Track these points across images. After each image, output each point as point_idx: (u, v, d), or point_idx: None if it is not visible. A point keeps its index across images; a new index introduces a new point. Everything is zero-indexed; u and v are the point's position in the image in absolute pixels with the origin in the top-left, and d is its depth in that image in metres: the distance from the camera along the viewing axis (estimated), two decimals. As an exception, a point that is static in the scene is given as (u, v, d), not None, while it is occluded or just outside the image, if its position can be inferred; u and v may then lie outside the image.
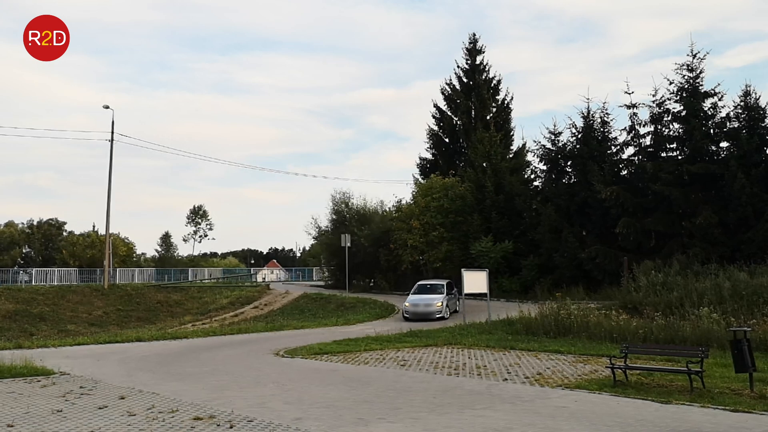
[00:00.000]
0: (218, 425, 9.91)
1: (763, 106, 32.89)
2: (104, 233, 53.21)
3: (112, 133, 48.24)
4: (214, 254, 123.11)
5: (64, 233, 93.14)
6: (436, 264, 43.06)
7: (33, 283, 50.17)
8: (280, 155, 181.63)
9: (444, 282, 31.33)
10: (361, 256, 46.53)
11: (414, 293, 30.29)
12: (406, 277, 46.17)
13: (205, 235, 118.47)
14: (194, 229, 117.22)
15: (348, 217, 50.25)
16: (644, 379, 13.91)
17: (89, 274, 55.33)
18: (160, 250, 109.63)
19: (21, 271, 58.45)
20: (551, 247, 37.31)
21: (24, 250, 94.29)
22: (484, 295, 26.68)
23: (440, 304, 28.91)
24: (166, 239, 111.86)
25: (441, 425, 9.91)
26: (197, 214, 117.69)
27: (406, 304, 29.06)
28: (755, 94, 33.14)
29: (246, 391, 13.05)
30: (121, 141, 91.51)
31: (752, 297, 21.17)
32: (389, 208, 51.15)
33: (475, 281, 26.72)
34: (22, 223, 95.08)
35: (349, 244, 41.65)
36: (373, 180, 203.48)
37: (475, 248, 39.60)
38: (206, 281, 59.65)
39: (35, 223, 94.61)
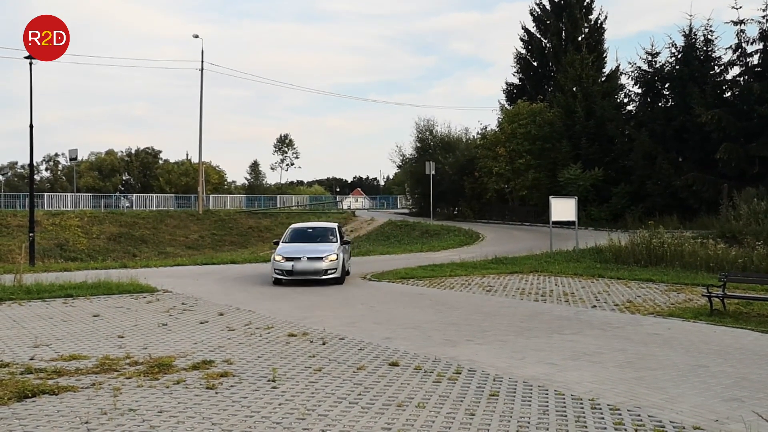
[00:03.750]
0: (311, 342, 10.30)
1: None
2: (197, 161, 55.09)
3: (202, 62, 49.27)
4: (300, 182, 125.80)
5: (160, 161, 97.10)
6: (522, 192, 42.45)
7: (134, 208, 52.93)
8: (362, 83, 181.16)
9: (333, 225, 21.00)
10: (446, 184, 46.34)
11: (288, 242, 19.41)
12: (491, 205, 45.84)
13: (292, 164, 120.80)
14: (281, 157, 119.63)
15: (432, 145, 49.93)
16: (743, 308, 13.41)
17: (184, 201, 57.84)
18: (249, 178, 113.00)
19: (122, 197, 61.76)
20: (644, 174, 35.96)
21: (124, 177, 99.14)
22: (572, 223, 26.12)
23: (334, 257, 18.09)
24: (254, 168, 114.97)
25: (529, 348, 9.93)
26: (283, 143, 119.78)
27: (277, 257, 18.14)
28: None
29: (336, 311, 13.46)
30: (210, 70, 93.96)
31: None
32: (474, 136, 50.51)
33: (563, 209, 26.15)
34: (121, 152, 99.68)
35: (433, 172, 41.50)
36: (457, 107, 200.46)
37: (563, 176, 38.67)
38: (294, 208, 61.15)
39: (133, 151, 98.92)
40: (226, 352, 9.52)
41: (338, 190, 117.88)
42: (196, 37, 49.69)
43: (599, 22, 48.12)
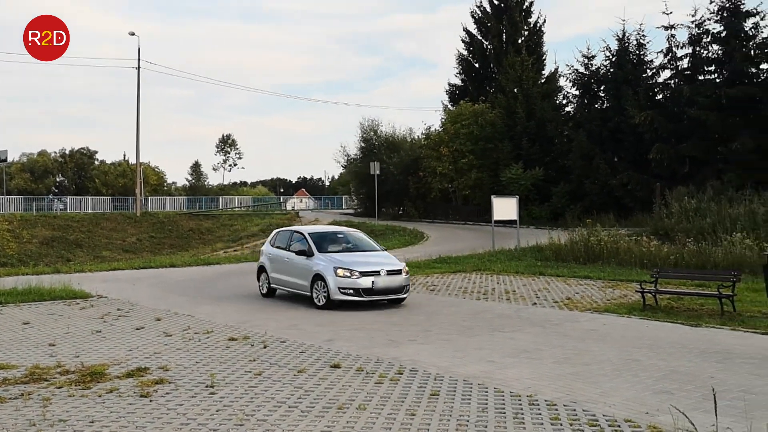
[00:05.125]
0: (252, 345, 10.15)
1: (808, 26, 31.45)
2: (135, 162, 53.81)
3: (138, 60, 48.04)
4: (243, 183, 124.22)
5: (96, 162, 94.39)
6: (465, 191, 42.91)
7: (68, 210, 51.25)
8: (307, 83, 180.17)
9: (359, 232, 16.97)
10: (390, 184, 46.49)
11: (330, 251, 14.89)
12: (435, 204, 46.21)
13: (235, 164, 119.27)
14: (223, 158, 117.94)
15: (377, 145, 50.01)
16: (674, 303, 13.86)
17: (122, 203, 56.34)
18: (190, 179, 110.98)
19: (56, 200, 59.73)
20: (582, 173, 36.84)
21: (57, 179, 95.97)
22: (514, 222, 26.55)
23: (407, 270, 14.76)
24: (196, 168, 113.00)
25: (471, 346, 10.03)
26: (226, 143, 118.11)
27: (340, 272, 13.80)
28: (801, 11, 31.62)
29: (278, 314, 13.32)
30: (149, 69, 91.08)
31: (788, 222, 20.76)
32: (418, 136, 50.79)
33: (505, 208, 26.51)
34: (55, 152, 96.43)
35: (378, 172, 41.55)
36: (401, 107, 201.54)
37: (505, 175, 39.27)
38: (237, 209, 60.34)
39: (67, 152, 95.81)
40: (163, 359, 9.29)
41: (282, 190, 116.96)
42: (132, 34, 48.51)
43: (538, 25, 49.08)
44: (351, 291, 13.75)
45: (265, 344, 10.19)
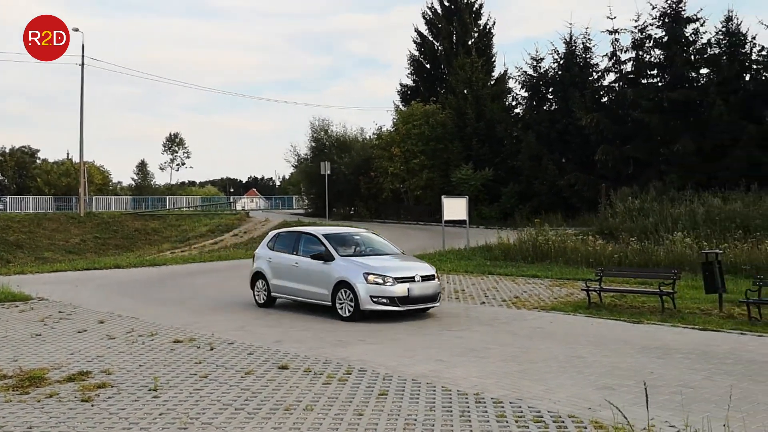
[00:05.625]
0: (198, 347, 9.98)
1: (744, 32, 32.66)
2: (78, 161, 52.37)
3: (83, 56, 46.72)
4: (192, 183, 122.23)
5: (38, 161, 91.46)
6: (416, 191, 43.11)
7: (8, 210, 49.54)
8: (257, 82, 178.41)
9: (372, 233, 15.87)
10: (342, 184, 46.41)
11: (349, 255, 13.40)
12: (387, 204, 46.30)
13: (183, 164, 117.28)
14: (171, 157, 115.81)
15: (328, 145, 49.85)
16: (618, 301, 14.20)
17: (65, 202, 54.75)
18: (136, 178, 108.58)
19: (-5, 199, 57.69)
20: (531, 174, 37.43)
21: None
22: (464, 222, 26.79)
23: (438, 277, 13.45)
24: (142, 168, 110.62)
25: (420, 345, 10.08)
26: (174, 142, 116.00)
27: (371, 277, 12.28)
28: (737, 20, 32.94)
29: (227, 315, 13.14)
30: (93, 65, 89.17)
31: (725, 222, 21.50)
32: (370, 136, 50.81)
33: (455, 208, 26.73)
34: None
35: (328, 172, 41.39)
36: (353, 107, 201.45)
37: (456, 176, 39.60)
38: (185, 209, 59.32)
39: (7, 150, 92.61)
40: (105, 362, 9.06)
41: (232, 190, 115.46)
42: (77, 30, 47.05)
43: (488, 27, 49.67)
44: (385, 300, 12.20)
45: (212, 346, 10.03)
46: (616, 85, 37.23)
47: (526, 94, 41.33)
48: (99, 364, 8.91)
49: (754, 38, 32.86)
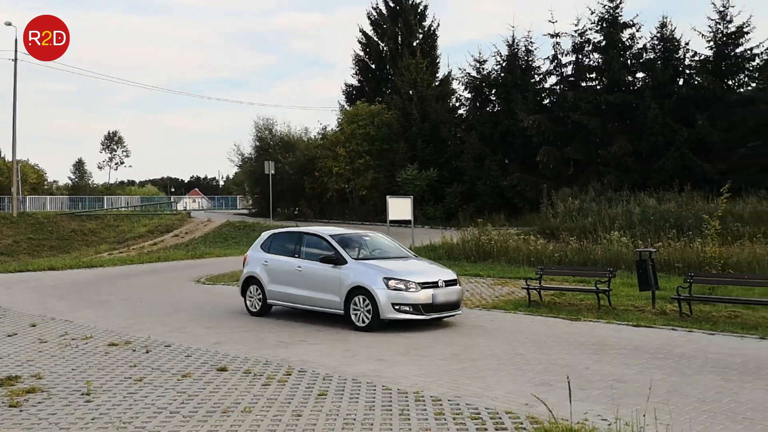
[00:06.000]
0: (134, 350, 9.73)
1: (678, 38, 33.79)
2: (11, 159, 50.49)
3: (15, 51, 45.03)
4: (131, 182, 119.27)
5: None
6: (362, 191, 43.12)
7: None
8: (200, 81, 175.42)
9: (380, 235, 14.18)
10: (286, 184, 46.08)
11: (362, 258, 12.31)
12: (332, 204, 46.15)
13: (122, 163, 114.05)
14: (109, 156, 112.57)
15: (272, 145, 49.42)
16: (557, 299, 14.49)
17: (-4, 202, 52.67)
18: (73, 178, 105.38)
19: None
20: (474, 175, 37.87)
21: None
22: (409, 222, 26.92)
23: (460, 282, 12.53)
24: (79, 167, 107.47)
25: (362, 345, 10.07)
26: (112, 141, 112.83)
27: (393, 282, 11.23)
28: (671, 25, 34.01)
29: (165, 318, 12.85)
30: (27, 61, 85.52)
31: (659, 222, 22.21)
32: (314, 136, 50.60)
33: (400, 208, 26.85)
34: None
35: (272, 172, 40.98)
36: (298, 107, 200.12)
37: (401, 176, 39.76)
38: (123, 209, 57.84)
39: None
40: (36, 366, 8.74)
41: (173, 190, 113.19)
42: (9, 24, 45.38)
43: (432, 28, 50.01)
44: (407, 308, 11.12)
45: (148, 349, 9.79)
46: (557, 87, 38.00)
47: (469, 96, 41.86)
48: (29, 369, 8.59)
49: (687, 44, 34.11)
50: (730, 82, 32.99)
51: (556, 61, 37.21)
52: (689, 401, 6.94)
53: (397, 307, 11.08)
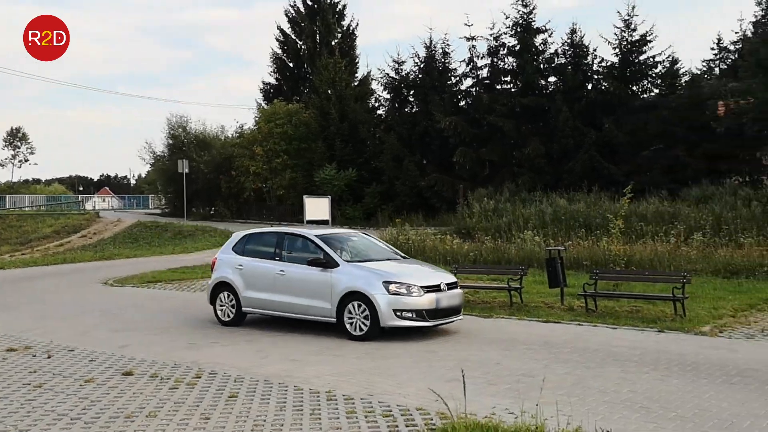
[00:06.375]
0: (34, 356, 9.25)
1: (587, 45, 35.14)
2: None
3: None
4: (37, 181, 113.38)
5: None
6: (280, 191, 42.69)
7: None
8: (111, 76, 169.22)
9: (365, 234, 13.35)
10: (201, 183, 45.12)
11: (354, 260, 11.23)
12: (249, 204, 45.49)
13: (26, 160, 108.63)
14: (12, 153, 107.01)
15: (186, 143, 48.24)
16: (471, 297, 14.72)
17: None
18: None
19: None
20: (393, 175, 38.16)
21: None
22: (327, 222, 26.83)
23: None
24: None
25: (274, 345, 9.95)
26: (15, 137, 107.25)
27: (393, 287, 10.30)
28: (580, 32, 35.31)
29: (69, 321, 12.29)
30: None
31: (570, 221, 23.03)
32: (231, 134, 49.73)
33: (318, 208, 26.69)
34: None
35: (187, 170, 39.95)
36: (214, 104, 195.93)
37: (319, 176, 39.60)
38: (27, 209, 55.04)
39: None
40: None
41: (82, 189, 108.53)
42: None
43: (351, 28, 50.04)
44: (411, 314, 10.20)
45: (50, 354, 9.34)
46: (473, 90, 38.77)
47: (388, 96, 42.14)
48: None
49: (595, 50, 35.43)
50: (634, 88, 34.59)
51: (472, 63, 37.96)
52: (591, 392, 7.21)
53: (398, 313, 10.16)
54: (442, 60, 39.71)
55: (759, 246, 18.01)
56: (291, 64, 50.07)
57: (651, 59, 33.70)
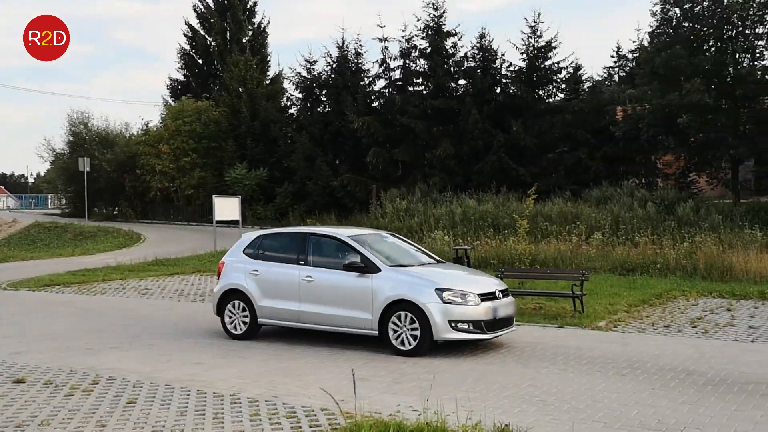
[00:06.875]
0: None
1: (495, 49, 36.08)
2: None
3: None
4: None
5: None
6: (188, 191, 41.66)
7: None
8: (8, 68, 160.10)
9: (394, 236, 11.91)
10: (104, 182, 43.48)
11: (396, 264, 9.93)
12: (155, 204, 44.18)
13: None
14: None
15: (88, 140, 46.30)
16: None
17: None
18: None
19: None
20: (305, 174, 37.94)
21: None
22: (237, 222, 26.40)
23: None
24: None
25: (179, 349, 9.67)
26: None
27: (446, 295, 9.09)
28: (489, 37, 36.21)
29: (-46, 328, 11.52)
30: None
31: (479, 221, 23.57)
32: (137, 132, 48.14)
33: (228, 208, 26.29)
34: None
35: (88, 169, 38.28)
36: (119, 100, 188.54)
37: (230, 175, 38.90)
38: None
39: None
40: None
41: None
42: None
43: (262, 26, 49.44)
44: (468, 325, 9.06)
45: (-70, 364, 8.72)
46: (386, 90, 39.04)
47: (300, 96, 41.82)
48: None
49: (503, 55, 36.38)
50: (540, 92, 35.75)
51: (384, 65, 38.20)
52: (493, 388, 7.40)
53: (454, 325, 8.97)
54: (355, 60, 39.79)
55: (653, 245, 18.98)
56: (200, 61, 48.98)
57: (556, 65, 34.94)
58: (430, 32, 36.21)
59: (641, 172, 32.48)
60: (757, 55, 27.07)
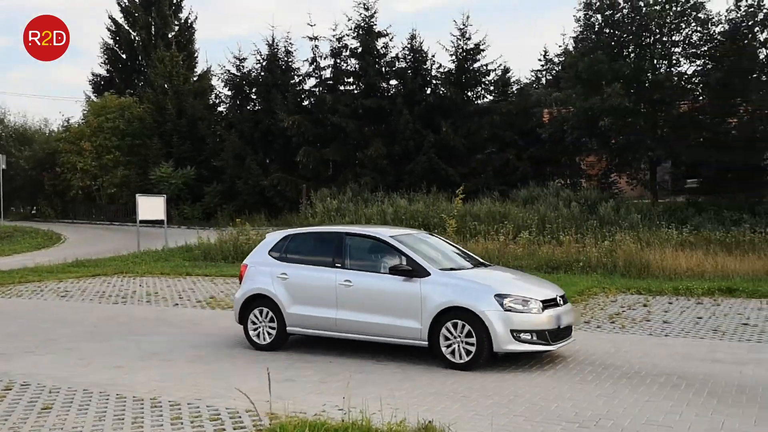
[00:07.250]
0: None
1: (426, 50, 36.51)
2: None
3: None
4: None
5: None
6: (111, 189, 40.40)
7: None
8: None
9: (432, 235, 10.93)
10: (21, 180, 41.78)
11: (444, 267, 8.96)
12: (76, 203, 42.65)
13: None
14: None
15: (4, 136, 44.38)
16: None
17: None
18: None
19: None
20: (234, 174, 37.41)
21: None
22: (162, 221, 25.76)
23: None
24: None
25: (99, 353, 9.35)
26: None
27: (508, 302, 8.11)
28: (420, 38, 36.65)
29: None
30: None
31: (410, 221, 23.74)
32: (57, 128, 46.40)
33: (152, 207, 25.66)
34: None
35: (4, 167, 36.57)
36: (38, 95, 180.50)
37: (155, 174, 37.95)
38: None
39: None
40: None
41: None
42: None
43: (189, 21, 48.44)
44: (531, 335, 8.15)
45: None
46: (317, 90, 38.90)
47: (229, 93, 41.20)
48: None
49: (434, 56, 36.95)
50: (469, 94, 36.38)
51: (315, 63, 38.08)
52: (419, 386, 7.47)
53: (516, 334, 8.06)
54: (285, 59, 39.52)
55: (576, 243, 19.57)
56: (124, 56, 47.62)
57: (484, 67, 35.62)
58: (361, 32, 36.31)
59: (566, 172, 33.48)
60: (674, 61, 28.33)
